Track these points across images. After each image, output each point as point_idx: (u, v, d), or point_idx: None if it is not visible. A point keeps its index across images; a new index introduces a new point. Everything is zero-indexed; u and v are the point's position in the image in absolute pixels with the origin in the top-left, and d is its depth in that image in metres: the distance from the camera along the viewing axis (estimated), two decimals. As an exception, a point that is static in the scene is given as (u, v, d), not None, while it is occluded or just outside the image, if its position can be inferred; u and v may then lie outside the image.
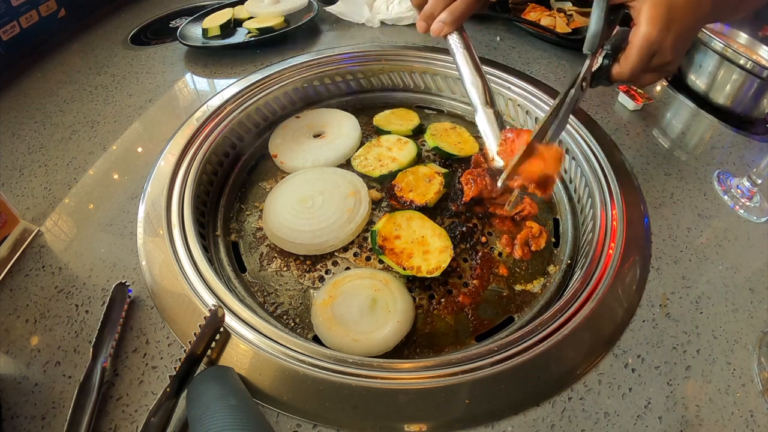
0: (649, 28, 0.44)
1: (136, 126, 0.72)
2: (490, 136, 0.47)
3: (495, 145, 0.47)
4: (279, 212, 0.61)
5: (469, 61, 0.51)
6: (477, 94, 0.50)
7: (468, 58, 0.51)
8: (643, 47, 0.45)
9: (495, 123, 0.48)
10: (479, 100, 0.49)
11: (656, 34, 0.44)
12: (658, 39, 0.44)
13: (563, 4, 1.05)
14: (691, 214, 0.61)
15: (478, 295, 0.57)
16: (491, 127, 0.48)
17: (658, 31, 0.44)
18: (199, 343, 0.43)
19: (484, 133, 0.48)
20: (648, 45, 0.45)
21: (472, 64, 0.51)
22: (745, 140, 0.74)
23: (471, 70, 0.50)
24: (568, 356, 0.46)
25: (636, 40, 0.45)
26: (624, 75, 0.47)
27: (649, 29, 0.44)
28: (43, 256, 0.54)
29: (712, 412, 0.43)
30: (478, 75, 0.50)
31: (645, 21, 0.44)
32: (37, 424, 0.41)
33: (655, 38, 0.44)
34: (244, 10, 0.97)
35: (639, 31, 0.45)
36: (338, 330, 0.50)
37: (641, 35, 0.44)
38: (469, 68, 0.50)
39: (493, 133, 0.47)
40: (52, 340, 0.46)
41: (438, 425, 0.41)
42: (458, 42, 0.51)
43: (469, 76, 0.50)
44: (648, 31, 0.44)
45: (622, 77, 0.48)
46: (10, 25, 0.83)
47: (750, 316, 0.51)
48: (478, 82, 0.50)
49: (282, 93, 0.78)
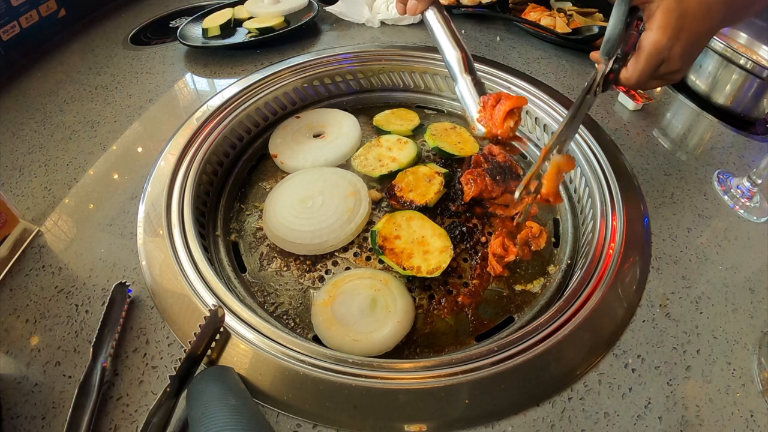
0: (660, 35, 0.44)
1: (136, 126, 0.72)
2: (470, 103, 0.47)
3: (474, 112, 0.47)
4: (279, 212, 0.61)
5: (447, 34, 0.50)
6: (456, 64, 0.49)
7: (446, 31, 0.50)
8: (653, 54, 0.45)
9: (474, 90, 0.48)
10: (458, 68, 0.49)
11: (666, 42, 0.44)
12: (668, 46, 0.44)
13: (563, 4, 1.05)
14: (691, 214, 0.61)
15: (478, 295, 0.57)
16: (470, 94, 0.48)
17: (668, 38, 0.44)
18: (199, 343, 0.43)
19: (462, 100, 0.48)
20: (657, 52, 0.45)
21: (450, 36, 0.50)
22: (745, 140, 0.74)
23: (449, 42, 0.50)
24: (568, 356, 0.46)
25: (646, 47, 0.45)
26: (631, 80, 0.47)
27: (660, 36, 0.44)
28: (43, 256, 0.54)
29: (712, 412, 0.43)
30: (456, 46, 0.50)
31: (656, 28, 0.44)
32: (37, 424, 0.41)
33: (664, 45, 0.44)
34: (244, 10, 0.97)
35: (649, 37, 0.45)
36: (338, 330, 0.50)
37: (651, 42, 0.44)
38: (447, 40, 0.50)
39: (472, 100, 0.47)
40: (52, 340, 0.46)
41: (438, 425, 0.41)
42: (435, 17, 0.51)
43: (448, 48, 0.50)
44: (658, 39, 0.44)
45: (629, 82, 0.48)
46: (10, 25, 0.83)
47: (750, 316, 0.51)
48: (457, 52, 0.49)
49: (282, 93, 0.78)
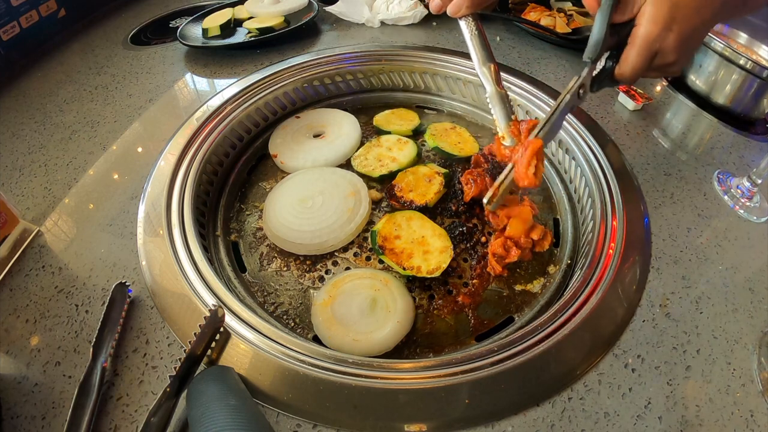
0: (650, 26, 0.43)
1: (136, 126, 0.72)
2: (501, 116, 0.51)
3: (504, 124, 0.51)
4: (279, 212, 0.61)
5: (483, 44, 0.52)
6: (489, 75, 0.52)
7: (481, 40, 0.52)
8: (643, 46, 0.44)
9: (507, 103, 0.51)
10: (491, 80, 0.52)
11: (657, 33, 0.43)
12: (659, 37, 0.44)
13: (563, 4, 1.05)
14: (691, 214, 0.61)
15: (478, 295, 0.57)
16: (503, 107, 0.51)
17: (660, 29, 0.43)
18: (199, 343, 0.43)
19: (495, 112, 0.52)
20: (648, 44, 0.44)
21: (485, 46, 0.52)
22: (745, 140, 0.74)
23: (484, 52, 0.52)
24: (568, 356, 0.46)
25: (636, 40, 0.45)
26: (625, 75, 0.47)
27: (650, 28, 0.43)
28: (43, 256, 0.54)
29: (712, 412, 0.43)
30: (490, 57, 0.52)
31: (646, 20, 0.44)
32: (37, 424, 0.41)
33: (655, 37, 0.44)
34: (244, 10, 0.97)
35: (640, 30, 0.44)
36: (338, 330, 0.50)
37: (641, 34, 0.44)
38: (482, 50, 0.52)
39: (504, 113, 0.51)
40: (52, 340, 0.46)
41: (438, 425, 0.41)
42: (473, 26, 0.53)
43: (483, 58, 0.52)
44: (648, 30, 0.44)
45: (623, 78, 0.48)
46: (10, 25, 0.83)
47: (750, 316, 0.51)
48: (491, 64, 0.52)
49: (282, 93, 0.78)
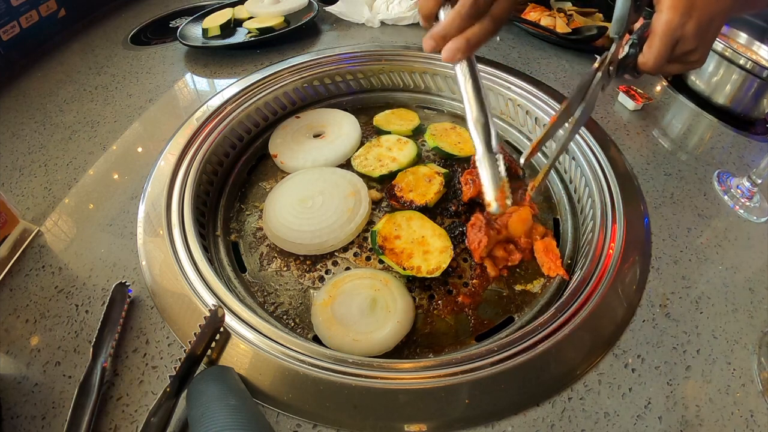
0: (670, 14, 0.44)
1: (136, 126, 0.72)
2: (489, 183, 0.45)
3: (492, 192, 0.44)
4: (279, 212, 0.61)
5: (475, 95, 0.46)
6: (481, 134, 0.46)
7: (474, 90, 0.46)
8: (666, 33, 0.45)
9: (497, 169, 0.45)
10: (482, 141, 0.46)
11: (678, 20, 0.44)
12: (680, 24, 0.44)
13: (563, 4, 1.05)
14: (691, 214, 0.61)
15: (478, 295, 0.57)
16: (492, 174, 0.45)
17: (680, 16, 0.44)
18: (199, 343, 0.43)
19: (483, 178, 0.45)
20: (670, 31, 0.44)
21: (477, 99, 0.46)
22: (745, 140, 0.74)
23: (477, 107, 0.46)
24: (568, 356, 0.46)
25: (658, 27, 0.45)
26: (649, 64, 0.47)
27: (671, 15, 0.44)
28: (43, 256, 0.54)
29: (712, 412, 0.43)
30: (483, 113, 0.46)
31: (666, 7, 0.44)
32: (37, 424, 0.41)
33: (676, 23, 0.44)
34: (244, 10, 0.97)
35: (660, 17, 0.45)
36: (338, 330, 0.50)
37: (663, 22, 0.44)
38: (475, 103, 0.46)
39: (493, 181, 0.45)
40: (52, 340, 0.46)
41: (438, 425, 0.41)
42: (467, 70, 0.47)
43: (475, 113, 0.46)
44: (669, 17, 0.44)
45: (647, 66, 0.47)
46: (10, 25, 0.83)
47: (750, 316, 0.51)
48: (484, 121, 0.46)
49: (282, 93, 0.78)
